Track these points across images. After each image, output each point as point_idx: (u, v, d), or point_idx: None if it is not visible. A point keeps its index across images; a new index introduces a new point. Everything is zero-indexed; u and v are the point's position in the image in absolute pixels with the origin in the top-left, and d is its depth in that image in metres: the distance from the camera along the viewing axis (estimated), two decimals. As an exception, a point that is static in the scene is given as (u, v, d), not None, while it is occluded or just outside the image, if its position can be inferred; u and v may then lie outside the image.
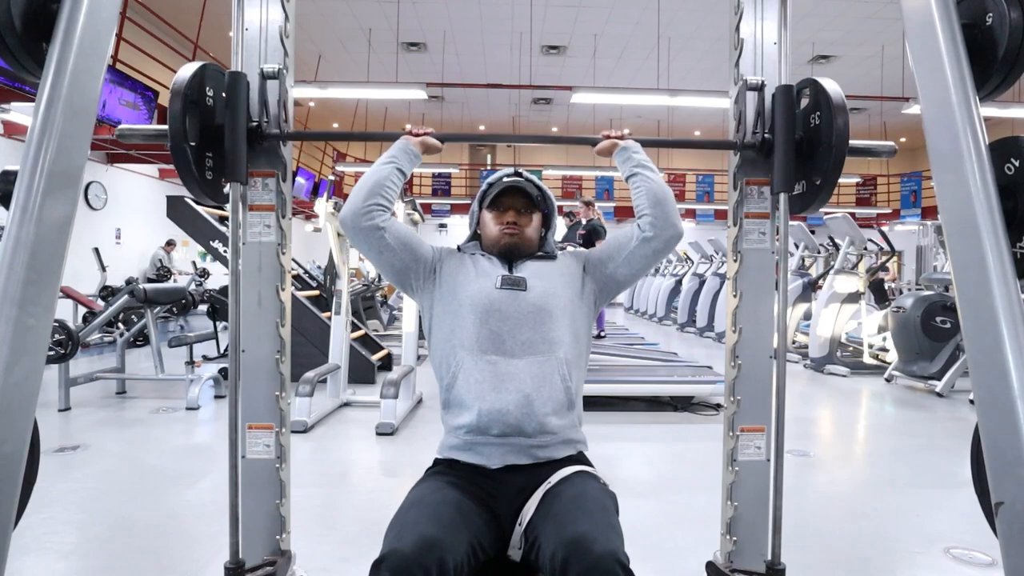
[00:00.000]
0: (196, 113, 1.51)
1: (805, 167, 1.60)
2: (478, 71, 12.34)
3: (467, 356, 1.33)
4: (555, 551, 1.09)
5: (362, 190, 1.41)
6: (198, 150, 1.53)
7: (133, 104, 7.05)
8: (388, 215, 1.41)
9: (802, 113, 1.62)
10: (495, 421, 1.28)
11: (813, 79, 1.57)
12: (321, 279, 7.37)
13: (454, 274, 1.43)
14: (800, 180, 1.63)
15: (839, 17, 9.66)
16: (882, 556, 2.28)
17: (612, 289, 1.49)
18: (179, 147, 1.46)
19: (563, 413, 1.33)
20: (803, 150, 1.59)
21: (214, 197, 1.61)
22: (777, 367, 1.66)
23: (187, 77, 1.49)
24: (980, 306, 1.01)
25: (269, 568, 1.67)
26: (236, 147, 1.55)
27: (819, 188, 1.56)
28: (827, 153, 1.51)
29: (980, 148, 1.06)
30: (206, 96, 1.56)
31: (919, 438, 3.93)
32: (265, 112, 1.65)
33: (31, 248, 1.00)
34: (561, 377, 1.33)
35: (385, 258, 1.41)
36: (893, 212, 15.65)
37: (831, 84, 1.53)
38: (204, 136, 1.55)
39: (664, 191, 1.47)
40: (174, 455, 3.34)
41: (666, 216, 1.43)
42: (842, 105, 1.50)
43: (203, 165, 1.56)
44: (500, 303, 1.36)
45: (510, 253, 1.46)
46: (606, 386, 4.37)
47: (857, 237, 6.40)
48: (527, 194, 1.47)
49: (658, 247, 1.43)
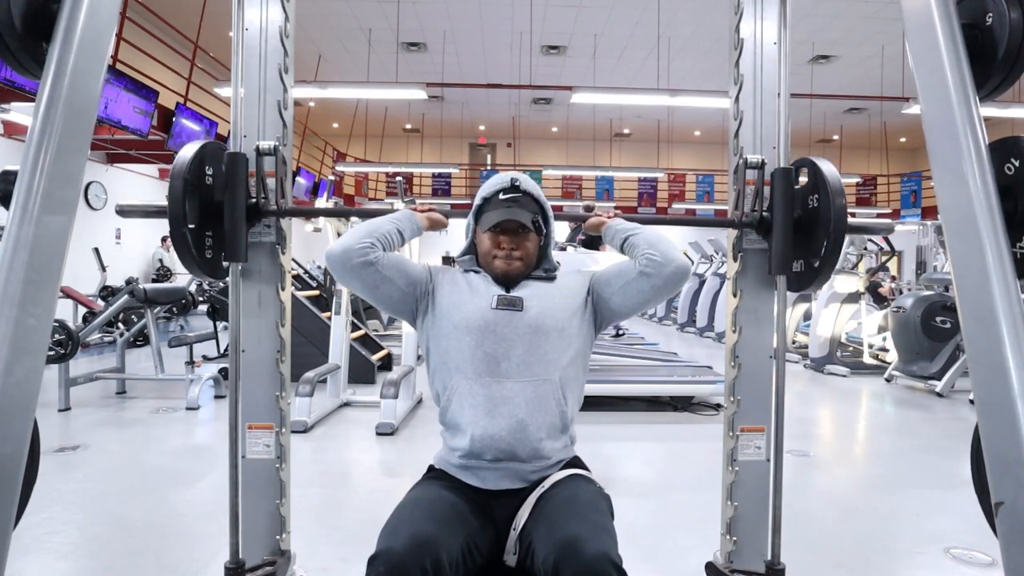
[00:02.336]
0: (196, 195, 1.54)
1: (804, 246, 1.62)
2: (478, 71, 12.34)
3: (462, 380, 1.31)
4: (547, 554, 1.08)
5: (357, 232, 1.35)
6: (198, 231, 1.55)
7: (146, 112, 7.07)
8: (380, 253, 1.34)
9: (800, 192, 1.64)
10: (488, 447, 1.27)
11: (810, 159, 1.60)
12: (321, 279, 7.37)
13: (448, 294, 1.38)
14: (799, 259, 1.65)
15: (839, 17, 9.65)
16: (882, 556, 2.28)
17: (605, 315, 1.41)
18: (179, 232, 1.48)
19: (556, 436, 1.32)
20: (801, 227, 1.61)
21: (212, 274, 1.63)
22: (777, 367, 1.66)
23: (188, 160, 1.50)
24: (980, 306, 1.01)
25: (269, 568, 1.67)
26: (236, 229, 1.57)
27: (817, 271, 1.58)
28: (826, 235, 1.53)
29: (980, 148, 1.06)
30: (206, 176, 1.58)
31: (919, 438, 3.93)
32: (263, 188, 1.66)
33: (31, 248, 1.00)
34: (556, 401, 1.31)
35: (382, 292, 1.35)
36: (893, 212, 15.63)
37: (828, 166, 1.56)
38: (203, 215, 1.57)
39: (658, 235, 1.39)
40: (174, 455, 3.34)
41: (664, 253, 1.33)
42: (839, 188, 1.52)
43: (203, 245, 1.59)
44: (495, 324, 1.32)
45: (507, 279, 1.40)
46: (606, 386, 4.37)
47: (857, 237, 6.40)
48: (524, 217, 1.37)
49: (658, 284, 1.34)
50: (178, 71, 8.73)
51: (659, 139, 16.04)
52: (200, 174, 1.56)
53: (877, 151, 16.30)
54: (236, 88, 1.66)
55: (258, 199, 1.64)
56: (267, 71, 1.71)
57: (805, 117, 14.21)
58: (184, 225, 1.48)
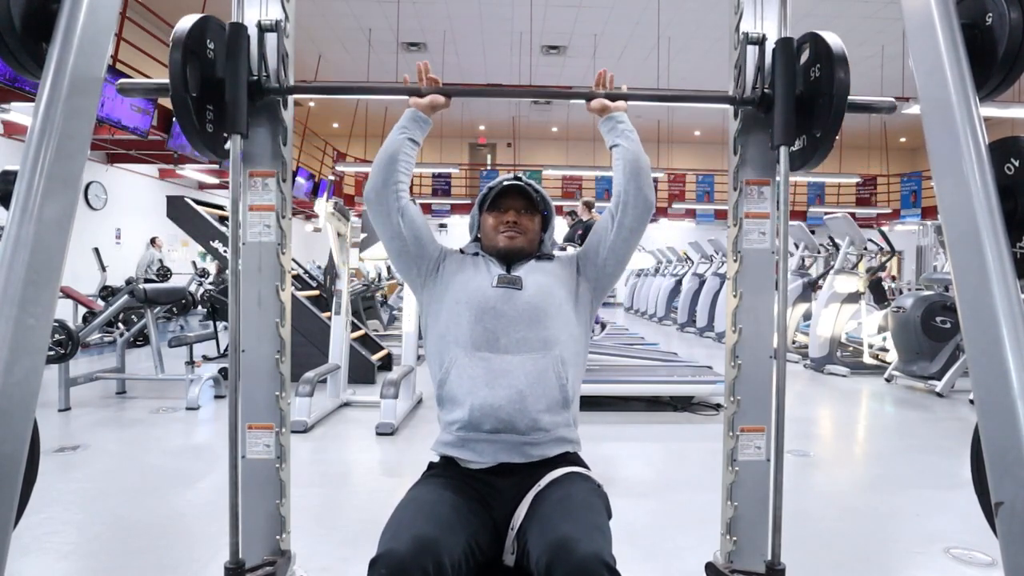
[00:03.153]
0: (197, 65, 1.49)
1: (805, 122, 1.58)
2: (478, 71, 12.34)
3: (461, 352, 1.33)
4: (540, 555, 1.08)
5: (380, 165, 1.46)
6: (199, 101, 1.51)
7: (145, 110, 7.07)
8: (406, 193, 1.48)
9: (802, 67, 1.59)
10: (487, 416, 1.27)
11: (814, 33, 1.55)
12: (321, 279, 7.38)
13: (453, 272, 1.45)
14: (800, 135, 1.61)
15: (839, 17, 9.66)
16: (882, 556, 2.27)
17: (604, 281, 1.49)
18: (180, 97, 1.44)
19: (557, 410, 1.32)
20: (803, 105, 1.57)
21: (214, 150, 1.59)
22: (777, 367, 1.65)
23: (187, 28, 1.46)
24: (980, 306, 1.01)
25: (269, 568, 1.67)
26: (237, 99, 1.54)
27: (819, 141, 1.53)
28: (827, 105, 1.49)
29: (980, 148, 1.06)
30: (207, 48, 1.54)
31: (919, 438, 3.93)
32: (264, 66, 1.64)
33: (31, 248, 1.00)
34: (556, 375, 1.32)
35: (396, 244, 1.46)
36: (893, 212, 15.65)
37: (832, 37, 1.51)
38: (205, 89, 1.53)
39: (641, 159, 1.47)
40: (174, 455, 3.34)
41: (638, 188, 1.43)
42: (843, 57, 1.47)
43: (204, 118, 1.54)
44: (495, 301, 1.36)
45: (510, 255, 1.47)
46: (606, 386, 4.37)
47: (857, 237, 6.41)
48: (527, 196, 1.49)
49: (632, 224, 1.44)
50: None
51: (659, 139, 16.05)
52: (201, 43, 1.51)
53: (877, 151, 16.31)
54: None
55: (259, 76, 1.61)
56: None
57: (805, 117, 14.18)
58: (185, 91, 1.44)
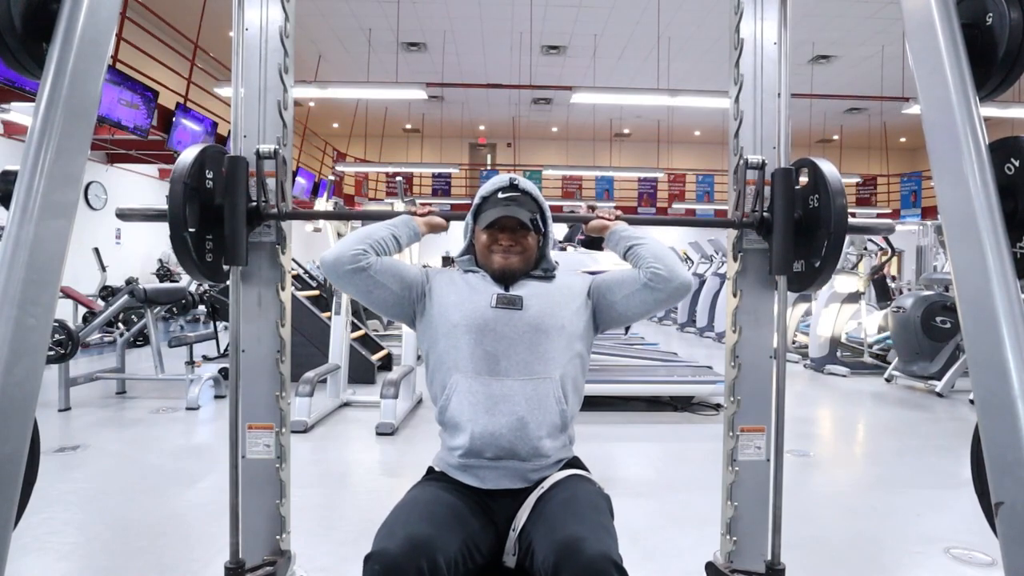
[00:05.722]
0: (196, 198, 1.53)
1: (804, 246, 1.61)
2: (478, 71, 12.33)
3: (461, 378, 1.30)
4: (546, 555, 1.08)
5: (351, 239, 1.36)
6: (198, 235, 1.55)
7: (132, 104, 7.05)
8: (373, 259, 1.35)
9: (801, 192, 1.64)
10: (488, 444, 1.26)
11: (811, 160, 1.60)
12: (321, 279, 7.37)
13: (446, 294, 1.38)
14: (799, 260, 1.64)
15: (839, 17, 9.65)
16: (882, 556, 2.27)
17: (606, 320, 1.42)
18: (179, 236, 1.48)
19: (556, 435, 1.31)
20: (802, 228, 1.61)
21: (213, 278, 1.63)
22: (777, 367, 1.66)
23: (188, 163, 1.50)
24: (980, 306, 1.01)
25: (269, 568, 1.67)
26: (236, 233, 1.57)
27: (818, 271, 1.58)
28: (826, 236, 1.52)
29: (980, 148, 1.06)
30: (206, 180, 1.58)
31: (919, 438, 3.93)
32: (263, 191, 1.66)
33: (31, 248, 1.00)
34: (556, 400, 1.30)
35: (377, 296, 1.37)
36: (893, 212, 15.63)
37: (828, 166, 1.56)
38: (204, 219, 1.57)
39: (663, 250, 1.39)
40: (174, 455, 3.34)
41: (669, 268, 1.34)
42: (840, 188, 1.52)
43: (203, 249, 1.58)
44: (495, 323, 1.31)
45: (505, 275, 1.40)
46: (606, 386, 4.37)
47: (857, 237, 6.40)
48: (522, 216, 1.37)
49: (661, 298, 1.36)
50: (178, 71, 8.73)
51: (659, 139, 16.04)
52: (200, 178, 1.56)
53: (877, 151, 16.30)
54: (236, 88, 1.66)
55: (259, 202, 1.64)
56: (267, 71, 1.71)
57: (805, 117, 14.21)
58: (184, 229, 1.48)
